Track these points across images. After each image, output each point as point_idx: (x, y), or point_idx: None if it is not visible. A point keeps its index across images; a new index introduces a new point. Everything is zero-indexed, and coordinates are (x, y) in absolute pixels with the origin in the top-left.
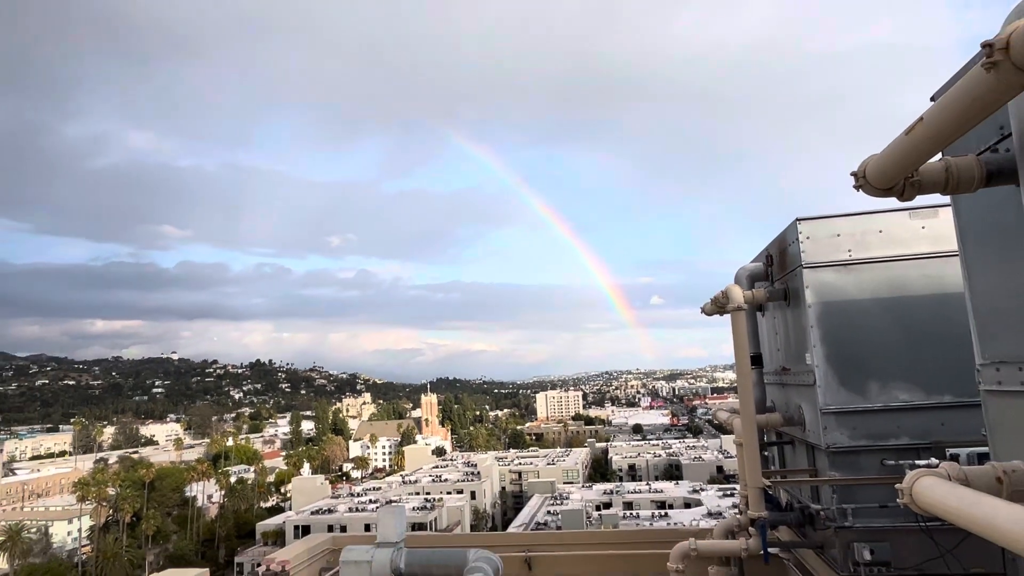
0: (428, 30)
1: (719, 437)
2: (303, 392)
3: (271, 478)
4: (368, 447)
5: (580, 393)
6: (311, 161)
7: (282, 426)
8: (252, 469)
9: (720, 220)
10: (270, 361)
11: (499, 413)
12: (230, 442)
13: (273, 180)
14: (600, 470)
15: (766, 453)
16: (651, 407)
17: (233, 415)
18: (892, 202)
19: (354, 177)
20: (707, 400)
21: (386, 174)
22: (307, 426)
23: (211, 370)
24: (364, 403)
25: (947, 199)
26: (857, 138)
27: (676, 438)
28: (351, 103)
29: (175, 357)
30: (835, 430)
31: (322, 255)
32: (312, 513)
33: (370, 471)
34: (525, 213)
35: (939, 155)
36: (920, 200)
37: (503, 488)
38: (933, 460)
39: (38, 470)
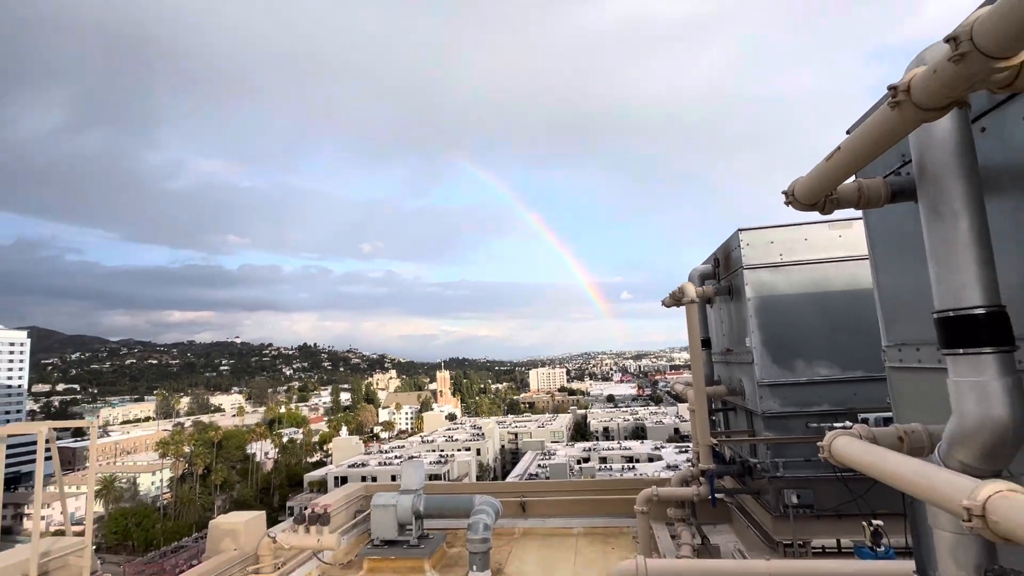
0: (443, 75)
1: (676, 405)
2: (341, 369)
3: (316, 439)
4: (394, 413)
5: (564, 370)
6: (348, 182)
7: (324, 397)
8: (300, 431)
9: (677, 230)
10: (315, 344)
11: (499, 386)
12: (283, 410)
13: (317, 198)
14: (581, 431)
15: (714, 418)
16: (621, 381)
17: (285, 388)
18: (815, 216)
19: (382, 196)
20: (667, 375)
21: (408, 193)
22: (345, 397)
23: (267, 352)
24: (391, 378)
25: (859, 213)
26: (787, 164)
27: (642, 406)
28: (381, 134)
29: (238, 341)
30: (769, 399)
31: (356, 259)
32: (349, 467)
33: (395, 433)
34: (521, 224)
35: (853, 177)
36: (838, 214)
37: (502, 446)
38: (848, 423)
39: (127, 432)
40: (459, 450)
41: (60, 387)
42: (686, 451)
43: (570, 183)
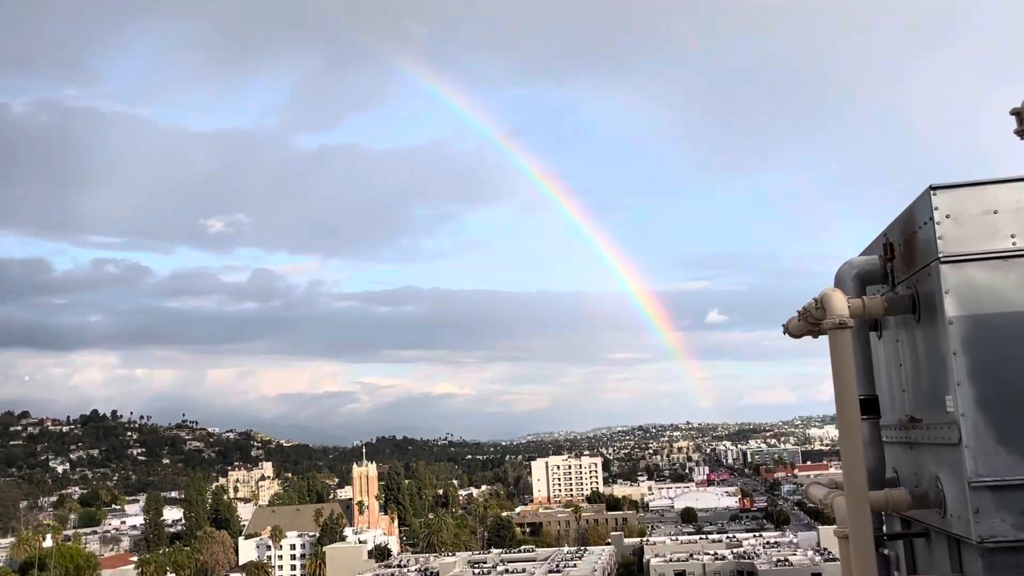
0: None
1: (815, 528)
2: (166, 461)
3: None
4: (269, 547)
5: (599, 460)
6: (182, 102)
7: (133, 515)
8: None
9: (814, 191)
10: (114, 413)
11: (474, 491)
12: (48, 541)
13: (122, 129)
14: None
15: (886, 551)
16: (709, 481)
17: (54, 498)
18: None
19: (248, 125)
20: (795, 471)
21: (299, 122)
22: (173, 515)
23: (19, 427)
24: (263, 477)
25: None
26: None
27: (749, 530)
28: (247, 17)
29: None
30: (993, 515)
31: (197, 247)
32: None
33: None
34: (515, 183)
35: None
36: None
37: None
38: None
39: None
40: None
41: None
42: None
43: (609, 105)
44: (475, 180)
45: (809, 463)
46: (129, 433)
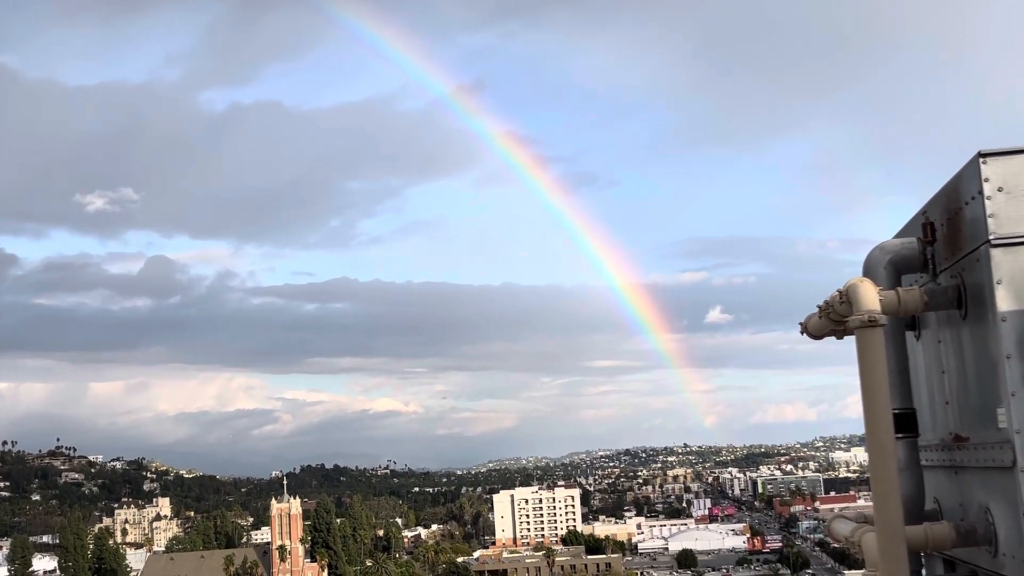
0: None
1: (839, 573)
2: (36, 498)
3: None
4: None
5: (577, 492)
6: (58, 49)
7: None
8: None
9: (840, 160)
10: None
11: (423, 532)
12: None
13: None
14: None
15: None
16: (711, 517)
17: None
18: None
19: (142, 78)
20: (816, 503)
21: (206, 74)
22: (44, 564)
23: None
24: (159, 516)
25: None
26: None
27: (761, 575)
28: None
29: None
30: None
31: (76, 229)
32: None
33: None
34: (474, 151)
35: None
36: None
37: None
38: None
39: None
40: None
41: None
42: None
43: (589, 56)
44: (424, 147)
45: (833, 493)
46: None
